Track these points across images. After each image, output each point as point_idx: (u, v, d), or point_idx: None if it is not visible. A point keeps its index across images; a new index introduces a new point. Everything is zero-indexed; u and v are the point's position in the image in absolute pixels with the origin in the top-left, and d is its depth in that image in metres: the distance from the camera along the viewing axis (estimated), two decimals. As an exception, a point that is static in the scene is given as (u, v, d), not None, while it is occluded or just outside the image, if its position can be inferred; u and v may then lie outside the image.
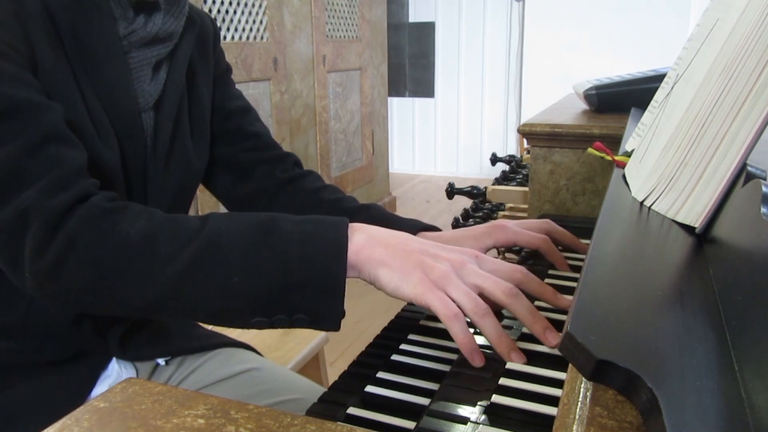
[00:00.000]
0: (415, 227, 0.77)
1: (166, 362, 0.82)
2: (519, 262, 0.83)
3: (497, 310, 0.61)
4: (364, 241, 0.58)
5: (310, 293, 0.56)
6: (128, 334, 0.77)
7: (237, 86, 1.00)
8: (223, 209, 0.89)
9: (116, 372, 0.76)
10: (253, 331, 1.16)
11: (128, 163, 0.71)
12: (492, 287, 0.56)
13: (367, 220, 0.78)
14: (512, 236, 0.72)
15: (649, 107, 0.71)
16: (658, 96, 0.69)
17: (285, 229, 0.57)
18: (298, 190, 0.89)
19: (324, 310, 0.57)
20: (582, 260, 0.84)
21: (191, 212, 2.15)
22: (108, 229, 0.57)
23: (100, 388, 0.74)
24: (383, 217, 0.81)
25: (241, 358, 0.87)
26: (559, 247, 0.75)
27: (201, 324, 0.92)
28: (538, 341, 0.63)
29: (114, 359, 0.76)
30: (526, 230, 0.72)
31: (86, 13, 0.66)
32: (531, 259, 0.86)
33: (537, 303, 0.71)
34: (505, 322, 0.71)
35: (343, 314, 0.57)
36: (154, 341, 0.81)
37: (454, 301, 0.55)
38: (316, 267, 0.55)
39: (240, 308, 0.56)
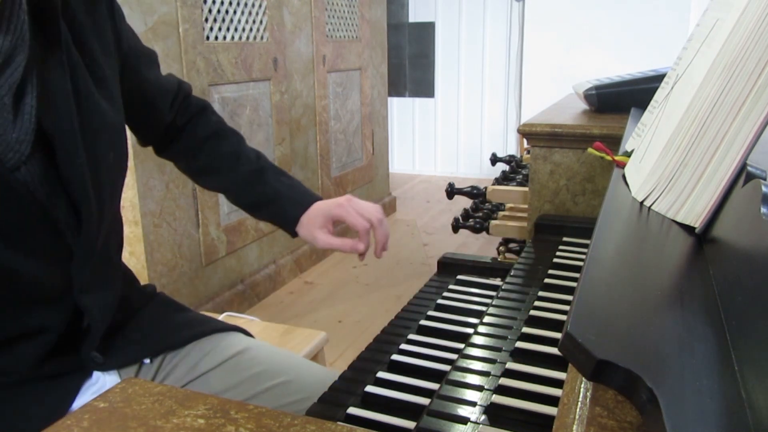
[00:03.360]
0: (304, 204, 0.92)
1: (151, 360, 0.80)
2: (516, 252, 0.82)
3: None
4: None
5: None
6: (103, 349, 0.73)
7: (237, 86, 0.99)
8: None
9: (101, 380, 0.74)
10: (253, 331, 1.16)
11: (24, 232, 0.58)
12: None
13: (263, 194, 0.93)
14: (344, 213, 0.89)
15: (649, 107, 0.71)
16: (658, 96, 0.69)
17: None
18: (193, 135, 0.93)
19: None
20: (581, 258, 0.84)
21: (191, 214, 2.15)
22: None
23: (82, 399, 0.72)
24: (276, 193, 0.92)
25: (229, 342, 0.83)
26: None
27: (182, 311, 0.88)
28: (538, 341, 0.64)
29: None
30: (357, 213, 0.89)
31: None
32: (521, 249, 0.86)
33: (536, 305, 0.71)
34: (504, 321, 0.71)
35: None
36: (134, 343, 0.77)
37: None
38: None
39: None
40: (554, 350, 0.61)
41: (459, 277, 0.89)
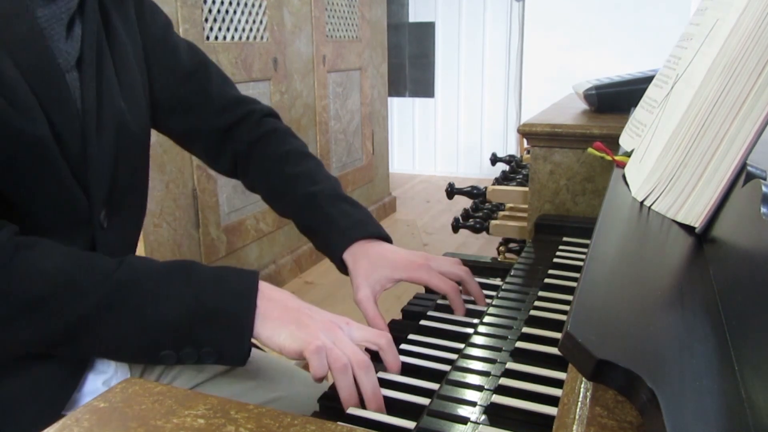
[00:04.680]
0: (356, 234, 0.78)
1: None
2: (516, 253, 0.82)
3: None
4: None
5: (218, 328, 0.58)
6: None
7: (237, 86, 0.96)
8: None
9: (112, 367, 0.75)
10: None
11: (62, 131, 0.66)
12: (350, 357, 0.58)
13: (313, 217, 0.82)
14: (426, 277, 0.75)
15: (644, 105, 0.71)
16: (656, 96, 0.69)
17: (199, 269, 0.61)
18: (264, 155, 0.88)
19: (230, 346, 0.59)
20: (581, 258, 0.84)
21: (191, 214, 2.15)
22: (20, 263, 0.57)
23: (92, 381, 0.73)
24: (327, 215, 0.80)
25: None
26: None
27: None
28: (538, 341, 0.64)
29: None
30: (441, 274, 0.76)
31: None
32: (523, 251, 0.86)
33: (544, 301, 0.71)
34: (504, 321, 0.71)
35: (249, 351, 0.60)
36: None
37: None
38: (225, 301, 0.59)
39: (150, 340, 0.59)
40: (554, 350, 0.61)
41: (459, 277, 0.89)
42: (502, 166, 1.78)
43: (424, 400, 0.56)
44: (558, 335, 0.62)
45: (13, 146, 0.61)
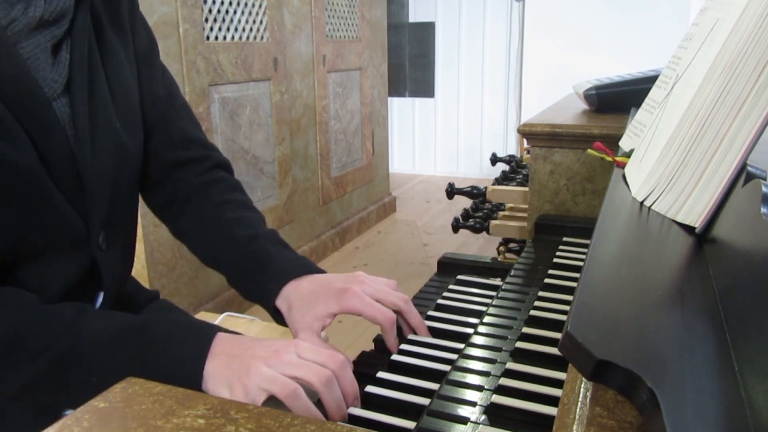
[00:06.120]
0: (291, 273, 0.75)
1: None
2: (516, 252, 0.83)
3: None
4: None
5: None
6: None
7: (237, 86, 0.95)
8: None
9: None
10: (253, 331, 1.16)
11: (52, 159, 0.65)
12: (307, 375, 0.57)
13: (250, 258, 0.78)
14: (359, 306, 0.69)
15: (645, 106, 0.71)
16: (656, 96, 0.69)
17: (149, 336, 0.60)
18: (205, 200, 0.85)
19: None
20: (581, 258, 0.84)
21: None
22: None
23: None
24: (267, 255, 0.77)
25: None
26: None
27: (183, 316, 0.88)
28: (538, 341, 0.64)
29: None
30: (377, 302, 0.70)
31: None
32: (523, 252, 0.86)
33: (547, 295, 0.71)
34: (504, 321, 0.71)
35: None
36: None
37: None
38: (173, 371, 0.59)
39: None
40: (554, 350, 0.61)
41: (459, 277, 0.89)
42: (502, 166, 1.78)
43: (424, 400, 0.56)
44: (558, 335, 0.62)
45: (0, 175, 0.61)
